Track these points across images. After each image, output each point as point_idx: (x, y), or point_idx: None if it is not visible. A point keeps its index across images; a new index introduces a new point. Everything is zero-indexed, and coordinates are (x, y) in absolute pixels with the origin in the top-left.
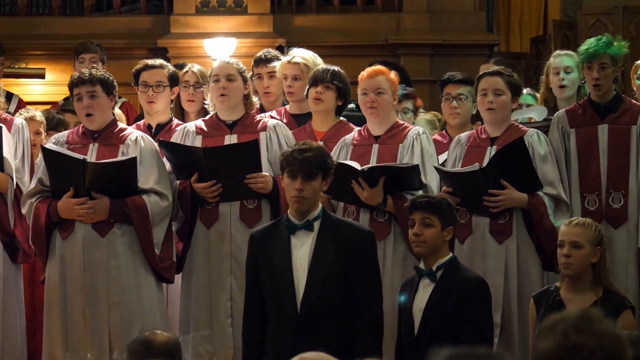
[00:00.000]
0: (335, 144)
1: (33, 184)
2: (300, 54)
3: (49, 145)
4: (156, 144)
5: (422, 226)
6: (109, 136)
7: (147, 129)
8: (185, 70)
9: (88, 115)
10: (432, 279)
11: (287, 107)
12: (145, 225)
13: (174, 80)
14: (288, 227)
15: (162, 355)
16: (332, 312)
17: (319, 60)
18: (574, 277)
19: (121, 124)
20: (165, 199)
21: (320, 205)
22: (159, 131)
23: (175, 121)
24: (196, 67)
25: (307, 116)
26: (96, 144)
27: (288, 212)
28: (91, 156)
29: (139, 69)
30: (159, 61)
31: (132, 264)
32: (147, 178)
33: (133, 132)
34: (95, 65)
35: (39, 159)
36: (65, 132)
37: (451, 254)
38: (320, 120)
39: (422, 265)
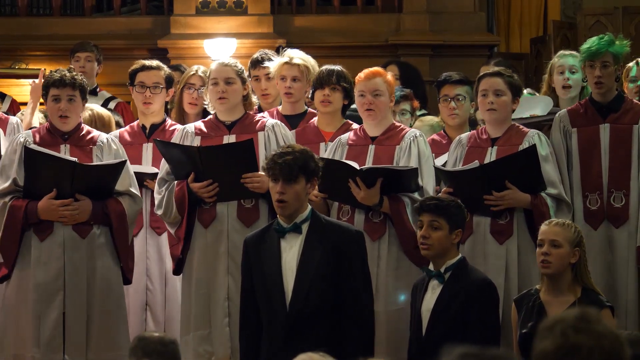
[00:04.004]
0: None
1: (7, 184)
2: (299, 56)
3: (33, 145)
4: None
5: (429, 229)
6: (79, 138)
7: (141, 129)
8: (192, 72)
9: (62, 117)
10: (440, 281)
11: (279, 107)
12: (124, 229)
13: (169, 82)
14: (277, 231)
15: (161, 353)
16: (322, 314)
17: (312, 61)
18: (553, 276)
19: (86, 127)
20: (139, 202)
21: (308, 207)
22: (152, 131)
23: (169, 122)
24: (202, 70)
25: (300, 117)
26: (67, 145)
27: (277, 215)
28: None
29: (135, 69)
30: (155, 62)
31: (112, 264)
32: (122, 180)
33: (101, 134)
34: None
35: (6, 157)
36: (30, 132)
37: (460, 255)
38: (327, 122)
39: (431, 267)
